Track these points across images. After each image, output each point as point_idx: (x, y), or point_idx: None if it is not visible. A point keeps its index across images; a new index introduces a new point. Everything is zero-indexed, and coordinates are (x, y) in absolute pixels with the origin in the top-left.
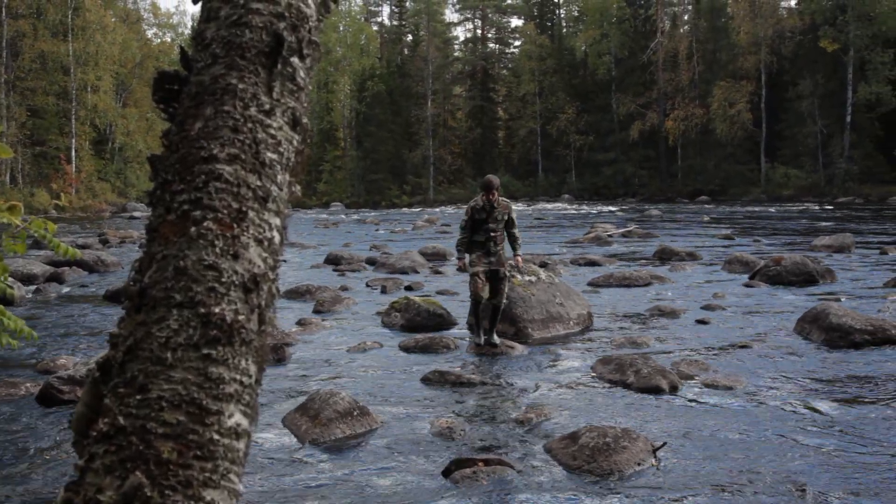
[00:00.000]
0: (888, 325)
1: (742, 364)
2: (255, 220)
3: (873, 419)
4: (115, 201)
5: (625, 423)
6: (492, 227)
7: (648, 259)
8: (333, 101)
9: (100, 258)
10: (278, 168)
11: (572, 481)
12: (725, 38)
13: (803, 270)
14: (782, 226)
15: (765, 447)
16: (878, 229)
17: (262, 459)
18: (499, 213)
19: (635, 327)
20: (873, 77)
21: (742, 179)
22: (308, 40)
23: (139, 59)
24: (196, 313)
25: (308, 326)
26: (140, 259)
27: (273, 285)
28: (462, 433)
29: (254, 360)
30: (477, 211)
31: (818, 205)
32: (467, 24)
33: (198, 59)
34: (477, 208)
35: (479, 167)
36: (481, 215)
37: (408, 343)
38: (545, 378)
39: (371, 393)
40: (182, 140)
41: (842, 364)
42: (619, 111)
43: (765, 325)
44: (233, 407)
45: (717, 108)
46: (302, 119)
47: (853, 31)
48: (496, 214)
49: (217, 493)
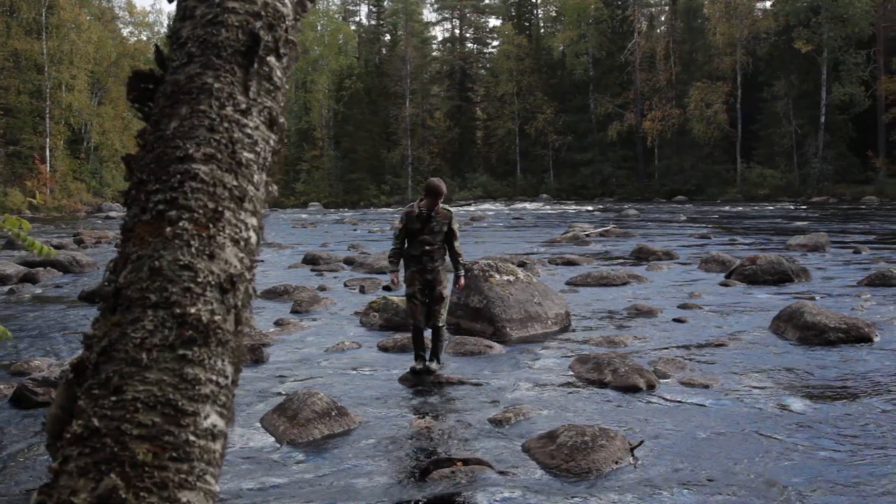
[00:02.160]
0: (861, 324)
1: (718, 362)
2: (232, 220)
3: (846, 416)
4: (91, 201)
5: (602, 422)
6: (427, 240)
7: (626, 258)
8: (311, 101)
9: (75, 258)
10: (255, 168)
11: (550, 480)
12: (702, 39)
13: (778, 269)
14: (758, 225)
15: (741, 445)
16: (852, 228)
17: (239, 460)
18: (437, 224)
19: (613, 326)
20: (846, 78)
21: (718, 179)
22: (285, 39)
23: (115, 57)
24: (171, 314)
25: (286, 327)
26: (115, 259)
27: (250, 285)
28: (440, 433)
29: (230, 360)
30: (412, 219)
31: (793, 204)
32: (445, 24)
33: (173, 58)
34: (412, 216)
35: (457, 167)
36: (416, 225)
37: (386, 343)
38: (523, 377)
39: (349, 393)
40: (157, 139)
41: (816, 362)
42: (597, 111)
43: (740, 323)
44: (209, 408)
45: (694, 109)
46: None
47: (827, 32)
48: (433, 225)
49: (193, 494)
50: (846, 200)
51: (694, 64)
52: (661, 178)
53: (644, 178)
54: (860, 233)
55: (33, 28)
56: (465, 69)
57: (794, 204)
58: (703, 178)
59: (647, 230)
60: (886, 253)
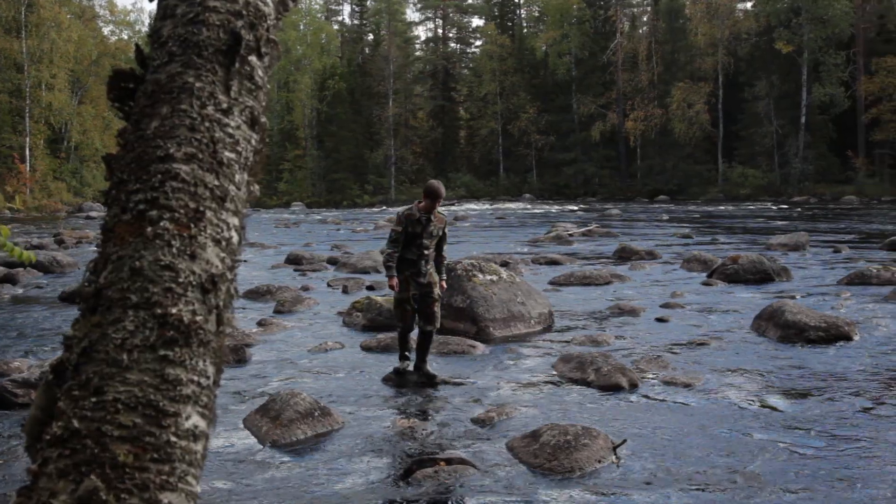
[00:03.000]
0: (841, 322)
1: (700, 361)
2: (213, 219)
3: (827, 414)
4: (71, 201)
5: (585, 421)
6: (425, 244)
7: (609, 258)
8: (294, 101)
9: (55, 259)
10: (236, 167)
11: (534, 479)
12: (683, 40)
13: (760, 269)
14: (739, 225)
15: (722, 443)
16: (832, 228)
17: (221, 461)
18: (434, 228)
19: (596, 326)
20: (827, 79)
21: (700, 179)
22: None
23: (95, 56)
24: (152, 314)
25: (269, 327)
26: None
27: (231, 285)
28: (424, 433)
29: (212, 361)
30: (412, 222)
31: (774, 204)
32: (428, 24)
33: (154, 57)
34: (413, 219)
35: (440, 167)
36: (416, 228)
37: (370, 343)
38: (507, 377)
39: (332, 393)
40: (138, 139)
41: (797, 361)
42: (580, 111)
43: (722, 322)
44: (190, 409)
45: (676, 109)
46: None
47: (807, 33)
48: (432, 229)
49: (174, 495)
50: (826, 200)
51: (676, 64)
52: (644, 178)
53: (626, 178)
54: (840, 232)
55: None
56: (447, 69)
57: (775, 204)
58: (684, 178)
59: (629, 230)
60: (866, 252)
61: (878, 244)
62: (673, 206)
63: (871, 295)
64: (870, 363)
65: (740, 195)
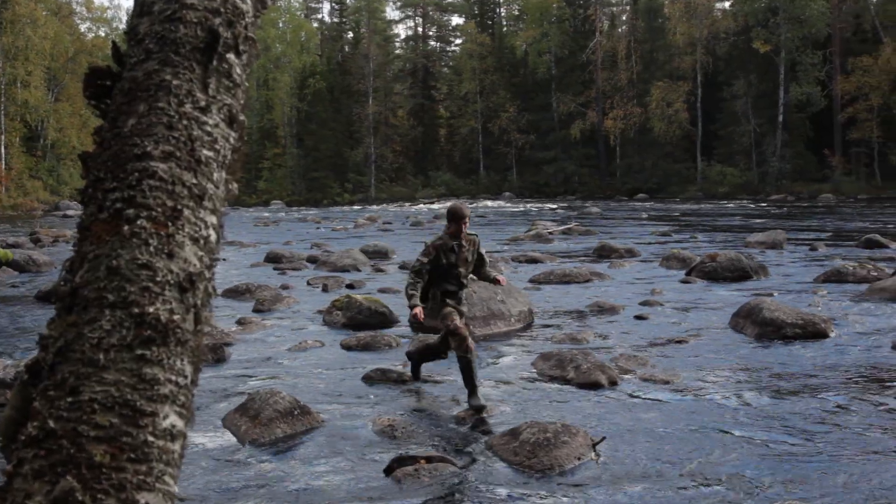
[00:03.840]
0: (818, 320)
1: (679, 359)
2: (191, 218)
3: (803, 411)
4: (48, 199)
5: (565, 419)
6: (462, 273)
7: (588, 256)
8: (273, 99)
9: (31, 258)
10: (214, 165)
11: (513, 477)
12: (662, 39)
13: (738, 266)
14: (718, 223)
15: (701, 440)
16: (809, 226)
17: (200, 461)
18: (467, 252)
19: (575, 324)
20: (804, 78)
21: (679, 177)
22: (244, 36)
23: (72, 53)
24: (129, 313)
25: (248, 326)
26: (71, 258)
27: (209, 284)
28: (404, 431)
29: (189, 360)
30: (445, 253)
31: (752, 202)
32: (408, 22)
33: (131, 54)
34: (445, 248)
35: (420, 165)
36: (450, 257)
37: (349, 341)
38: (486, 374)
39: (312, 392)
40: (115, 137)
41: (774, 357)
42: (560, 110)
43: (701, 320)
44: (168, 408)
45: (655, 108)
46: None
47: (784, 32)
48: (465, 254)
49: (152, 496)
50: (803, 198)
51: (655, 63)
52: (623, 177)
53: (606, 177)
54: (817, 230)
55: None
56: (427, 67)
57: (753, 202)
58: (663, 177)
59: (609, 228)
60: (842, 250)
61: (854, 242)
62: (652, 205)
63: (847, 292)
64: (846, 360)
65: (719, 193)
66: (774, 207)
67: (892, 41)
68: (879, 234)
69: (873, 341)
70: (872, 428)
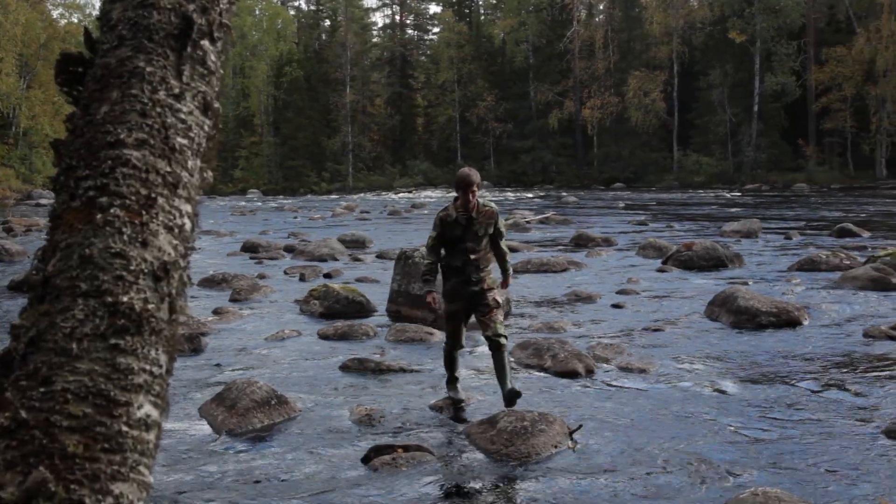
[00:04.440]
0: (791, 308)
1: (655, 347)
2: (165, 206)
3: (778, 397)
4: (20, 188)
5: (542, 407)
6: (471, 247)
7: (566, 245)
8: (250, 87)
9: (3, 247)
10: (189, 153)
11: (490, 465)
12: (639, 28)
13: (713, 255)
14: (694, 212)
15: (676, 427)
16: (784, 215)
17: (176, 451)
18: (479, 226)
19: (553, 312)
20: (779, 68)
21: (656, 167)
22: (219, 23)
23: (44, 40)
24: (103, 302)
25: (224, 315)
26: (43, 247)
27: (184, 273)
28: (381, 420)
29: (164, 349)
30: (449, 225)
31: (728, 191)
32: (385, 10)
33: (103, 40)
34: (449, 220)
35: (398, 154)
36: (456, 231)
37: (327, 331)
38: (464, 363)
39: (289, 381)
40: (87, 124)
41: (749, 345)
42: (537, 99)
43: (677, 308)
44: (142, 398)
45: (632, 97)
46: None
47: (759, 22)
48: (477, 228)
49: (126, 486)
50: (778, 188)
51: (632, 53)
52: (600, 166)
53: (583, 166)
54: (791, 219)
55: None
56: (405, 56)
57: (729, 191)
58: (640, 166)
59: (586, 217)
60: (816, 238)
61: (827, 231)
62: (629, 194)
63: (821, 280)
64: (819, 347)
65: (695, 183)
66: (749, 197)
67: (866, 31)
68: (852, 223)
69: (845, 329)
70: (844, 414)
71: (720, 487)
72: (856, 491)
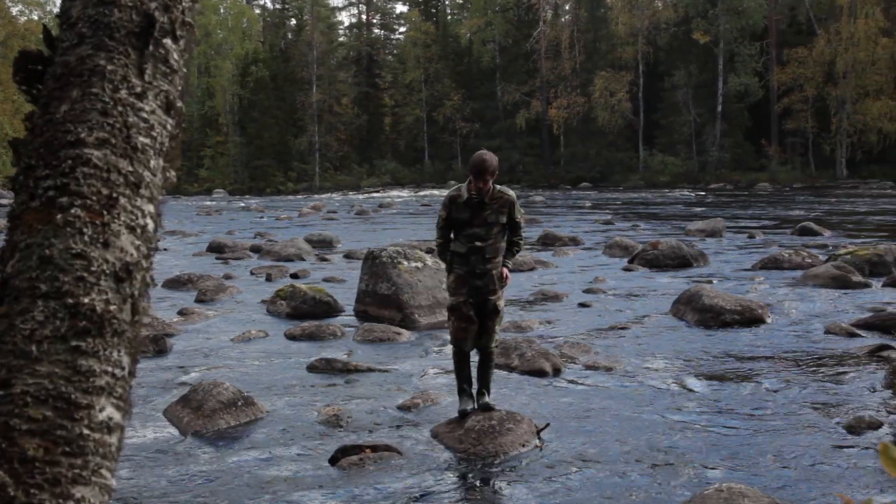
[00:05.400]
0: (755, 306)
1: (621, 345)
2: (127, 206)
3: (742, 394)
4: None
5: (510, 406)
6: (479, 234)
7: (532, 244)
8: (215, 86)
9: None
10: (151, 153)
11: (459, 464)
12: (605, 29)
13: (678, 254)
14: (659, 211)
15: (643, 425)
16: (747, 214)
17: (141, 454)
18: (492, 213)
19: (520, 311)
20: (742, 69)
21: (622, 166)
22: (181, 21)
23: (3, 37)
24: (63, 304)
25: (190, 316)
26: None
27: (147, 274)
28: (349, 420)
29: (127, 351)
30: (458, 206)
31: (692, 191)
32: (352, 10)
33: (63, 38)
34: (459, 201)
35: (365, 154)
36: (463, 213)
37: (294, 331)
38: (432, 363)
39: (256, 382)
40: (47, 123)
41: (713, 343)
42: (504, 99)
43: (643, 307)
44: (104, 400)
45: (599, 97)
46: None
47: (723, 24)
48: (487, 214)
49: (88, 489)
50: (742, 187)
51: (598, 53)
52: (567, 166)
53: (550, 166)
54: (755, 218)
55: None
56: (372, 55)
57: (693, 190)
58: (607, 166)
59: (553, 216)
60: (779, 237)
61: (789, 229)
62: (596, 193)
63: (783, 279)
64: (781, 344)
65: (660, 182)
66: (714, 196)
67: (826, 33)
68: (813, 222)
69: (807, 326)
70: (806, 409)
71: (686, 484)
72: (818, 486)
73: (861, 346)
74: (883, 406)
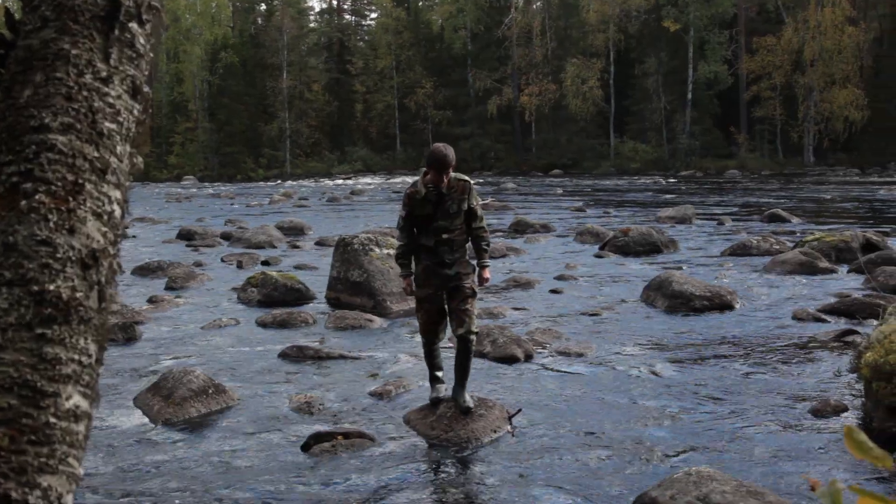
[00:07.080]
0: (724, 292)
1: (592, 331)
2: (93, 192)
3: (711, 379)
4: None
5: (482, 392)
6: (444, 226)
7: (505, 231)
8: (184, 72)
9: None
10: (118, 138)
11: (431, 451)
12: (576, 16)
13: (649, 241)
14: (630, 198)
15: (613, 410)
16: (716, 201)
17: (110, 442)
18: (452, 203)
19: (492, 298)
20: (711, 56)
21: (593, 153)
22: (148, 5)
23: None
24: (28, 291)
25: (160, 304)
26: None
27: (114, 261)
28: (321, 407)
29: (94, 338)
30: (419, 202)
31: (663, 178)
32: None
33: (26, 21)
34: (418, 198)
35: (336, 141)
36: (425, 209)
37: (265, 319)
38: (404, 350)
39: (227, 370)
40: (9, 108)
41: (683, 328)
42: (476, 86)
43: (614, 293)
44: (71, 388)
45: (570, 85)
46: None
47: (693, 11)
48: (449, 205)
49: (54, 478)
50: (711, 174)
51: (569, 40)
52: (539, 152)
53: (522, 152)
54: (724, 205)
55: None
56: (343, 41)
57: (664, 177)
58: (578, 152)
59: (524, 203)
60: (747, 224)
61: (758, 216)
62: (567, 180)
63: (752, 265)
64: (750, 330)
65: (631, 169)
66: (684, 183)
67: (794, 21)
68: (781, 208)
69: (775, 311)
70: (774, 394)
71: (655, 468)
72: (785, 468)
73: (827, 332)
74: (848, 390)
